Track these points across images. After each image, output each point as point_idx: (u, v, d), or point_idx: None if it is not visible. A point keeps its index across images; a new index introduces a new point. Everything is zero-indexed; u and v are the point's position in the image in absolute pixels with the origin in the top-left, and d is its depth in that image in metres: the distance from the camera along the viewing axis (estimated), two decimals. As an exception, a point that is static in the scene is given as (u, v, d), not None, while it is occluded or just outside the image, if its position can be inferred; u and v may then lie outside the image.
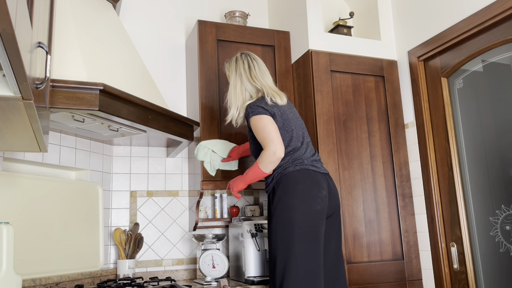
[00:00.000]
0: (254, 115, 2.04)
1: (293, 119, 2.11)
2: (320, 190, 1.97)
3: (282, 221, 1.92)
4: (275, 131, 2.00)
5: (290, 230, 1.89)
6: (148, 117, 2.19)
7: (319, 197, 1.95)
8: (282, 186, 1.98)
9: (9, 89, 0.98)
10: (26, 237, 2.03)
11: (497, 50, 2.20)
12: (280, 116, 2.06)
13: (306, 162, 2.01)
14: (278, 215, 1.94)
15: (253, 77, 2.16)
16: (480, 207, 2.28)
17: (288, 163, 2.01)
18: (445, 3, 2.45)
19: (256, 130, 2.05)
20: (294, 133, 2.07)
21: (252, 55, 2.25)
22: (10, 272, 1.46)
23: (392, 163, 2.67)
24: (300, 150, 2.04)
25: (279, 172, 2.01)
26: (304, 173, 1.98)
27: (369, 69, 2.75)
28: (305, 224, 1.89)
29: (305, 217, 1.90)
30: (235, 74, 2.20)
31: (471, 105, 2.36)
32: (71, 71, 1.90)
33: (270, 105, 2.06)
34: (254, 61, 2.21)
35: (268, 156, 1.97)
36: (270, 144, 1.97)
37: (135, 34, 2.93)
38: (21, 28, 0.80)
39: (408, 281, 2.53)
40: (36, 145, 1.54)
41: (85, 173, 2.51)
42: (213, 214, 2.84)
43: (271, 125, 2.01)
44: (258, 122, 2.03)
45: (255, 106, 2.05)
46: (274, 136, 1.98)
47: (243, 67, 2.19)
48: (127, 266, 2.46)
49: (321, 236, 1.93)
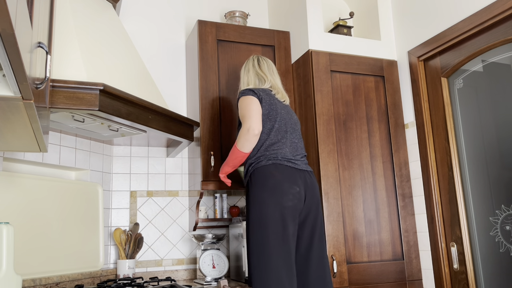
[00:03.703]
0: (241, 96, 2.08)
1: (281, 112, 2.09)
2: (292, 186, 1.92)
3: (254, 216, 1.90)
4: (256, 110, 2.00)
5: (260, 225, 1.87)
6: (148, 117, 2.19)
7: (290, 193, 1.91)
8: (254, 179, 1.96)
9: (9, 89, 0.98)
10: (26, 237, 2.03)
11: (497, 50, 2.20)
12: (268, 104, 2.05)
13: (280, 158, 1.97)
14: (251, 210, 1.92)
15: (262, 70, 2.23)
16: (480, 207, 2.28)
17: (261, 157, 1.98)
18: (445, 3, 2.45)
19: (239, 110, 2.07)
20: (276, 124, 2.04)
21: (264, 57, 2.33)
22: (10, 272, 1.46)
23: (392, 163, 2.67)
24: (278, 144, 2.01)
25: (252, 166, 1.99)
26: (277, 168, 1.95)
27: (369, 69, 2.75)
28: (273, 220, 1.86)
29: (274, 213, 1.86)
30: (244, 70, 2.28)
31: (471, 105, 2.36)
32: (71, 71, 1.90)
33: (264, 91, 2.09)
34: (264, 60, 2.29)
35: (243, 133, 1.97)
36: (246, 121, 1.98)
37: (135, 34, 2.93)
38: (21, 28, 0.80)
39: (408, 281, 2.53)
40: (36, 145, 1.54)
41: (85, 173, 2.51)
42: (213, 214, 2.84)
43: (252, 105, 2.02)
44: (242, 102, 2.06)
45: (245, 90, 2.09)
46: (252, 114, 1.98)
47: (252, 63, 2.27)
48: (127, 266, 2.46)
49: (289, 233, 1.88)
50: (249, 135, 1.95)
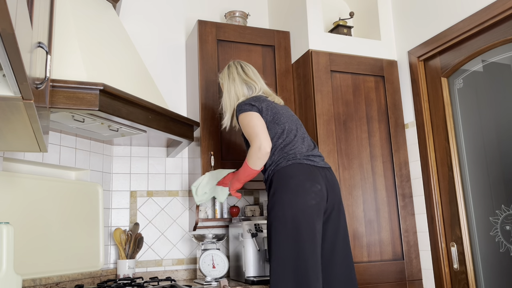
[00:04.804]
0: (241, 113, 2.05)
1: (285, 113, 2.09)
2: (314, 184, 1.91)
3: (277, 218, 1.89)
4: (261, 126, 1.99)
5: (284, 226, 1.86)
6: (148, 117, 2.19)
7: (313, 191, 1.90)
8: (275, 182, 1.95)
9: (9, 89, 0.99)
10: (26, 237, 2.03)
11: (497, 50, 2.20)
12: (269, 110, 2.04)
13: (299, 156, 1.97)
14: (272, 211, 1.92)
15: (249, 76, 2.20)
16: (480, 207, 2.28)
17: (280, 159, 1.98)
18: (445, 3, 2.45)
19: (243, 128, 2.05)
20: (286, 126, 2.04)
21: (244, 62, 2.29)
22: (10, 272, 1.46)
23: (392, 163, 2.67)
24: (293, 143, 2.01)
25: (272, 169, 1.99)
26: (297, 167, 1.94)
27: (369, 69, 2.75)
28: (299, 220, 1.85)
29: (299, 213, 1.86)
30: (228, 79, 2.22)
31: (471, 105, 2.36)
32: (71, 71, 1.90)
33: (260, 99, 2.06)
34: (247, 66, 2.26)
35: (254, 152, 1.95)
36: (255, 139, 1.96)
37: (135, 34, 2.93)
38: (21, 28, 0.80)
39: (408, 281, 2.53)
40: (36, 145, 1.54)
41: (85, 173, 2.51)
42: (213, 214, 2.84)
43: (255, 120, 2.00)
44: (243, 119, 2.04)
45: (242, 104, 2.06)
46: (258, 131, 1.97)
47: (236, 71, 2.22)
48: (127, 266, 2.46)
49: (317, 232, 1.88)
50: (260, 153, 1.94)
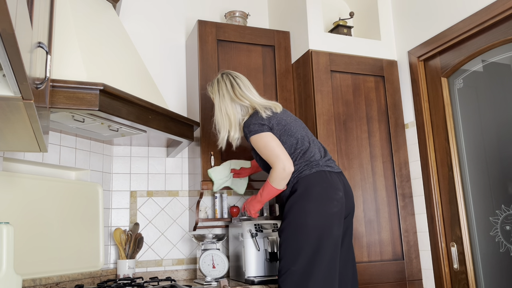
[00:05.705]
0: (252, 134, 2.00)
1: (292, 122, 2.07)
2: (336, 192, 1.92)
3: (296, 225, 1.88)
4: (278, 146, 1.96)
5: (305, 234, 1.85)
6: (148, 117, 2.19)
7: (335, 199, 1.91)
8: (299, 189, 1.94)
9: (9, 89, 0.99)
10: (26, 237, 2.03)
11: (497, 50, 2.20)
12: (279, 124, 2.02)
13: (321, 163, 1.97)
14: (291, 218, 1.91)
15: (238, 96, 2.09)
16: (480, 207, 2.28)
17: (303, 166, 1.97)
18: (445, 3, 2.45)
19: (258, 149, 2.01)
20: (298, 135, 2.03)
21: (234, 73, 2.18)
22: (10, 272, 1.46)
23: (392, 163, 2.67)
24: (310, 150, 2.00)
25: (295, 176, 1.97)
26: (321, 175, 1.94)
27: (369, 69, 2.75)
28: (321, 228, 1.85)
29: (322, 220, 1.86)
30: (218, 96, 2.13)
31: (471, 105, 2.36)
32: (71, 71, 1.90)
33: (265, 118, 2.01)
34: (237, 79, 2.14)
35: (278, 173, 1.93)
36: (277, 161, 1.93)
37: (135, 34, 2.93)
38: (21, 28, 0.80)
39: (408, 281, 2.53)
40: (36, 145, 1.54)
41: (85, 173, 2.51)
42: (213, 214, 2.84)
43: (272, 142, 1.97)
44: (258, 142, 1.99)
45: (251, 125, 2.01)
46: (278, 153, 1.95)
47: (225, 87, 2.12)
48: (127, 266, 2.46)
49: (338, 239, 1.89)
50: (285, 173, 1.93)
